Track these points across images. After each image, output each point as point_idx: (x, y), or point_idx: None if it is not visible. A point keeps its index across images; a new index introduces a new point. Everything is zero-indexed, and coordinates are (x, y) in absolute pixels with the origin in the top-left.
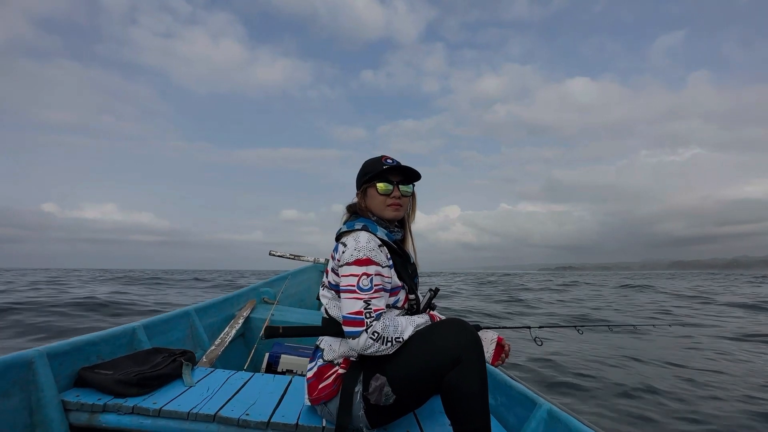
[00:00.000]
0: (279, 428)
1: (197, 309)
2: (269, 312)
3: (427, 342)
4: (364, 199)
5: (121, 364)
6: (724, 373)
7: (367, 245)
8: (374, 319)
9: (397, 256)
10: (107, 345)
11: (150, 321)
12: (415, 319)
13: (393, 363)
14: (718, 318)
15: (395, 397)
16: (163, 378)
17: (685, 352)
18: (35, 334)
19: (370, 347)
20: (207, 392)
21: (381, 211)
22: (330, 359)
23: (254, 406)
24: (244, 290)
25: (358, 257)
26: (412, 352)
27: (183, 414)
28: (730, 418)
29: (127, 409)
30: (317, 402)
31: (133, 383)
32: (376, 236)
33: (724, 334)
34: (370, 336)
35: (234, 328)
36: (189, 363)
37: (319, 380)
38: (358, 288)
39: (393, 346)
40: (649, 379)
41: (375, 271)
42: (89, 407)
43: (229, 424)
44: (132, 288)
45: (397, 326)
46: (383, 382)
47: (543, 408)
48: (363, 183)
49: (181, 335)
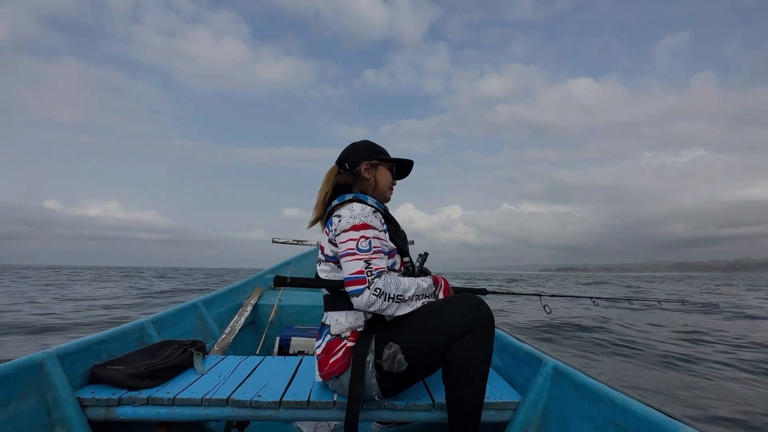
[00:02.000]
0: (291, 406)
1: (204, 300)
2: (277, 297)
3: (442, 313)
4: (371, 172)
5: (133, 358)
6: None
7: (362, 212)
8: (375, 276)
9: (389, 223)
10: (117, 342)
11: (158, 315)
12: (419, 282)
13: (406, 331)
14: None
15: (407, 364)
16: (174, 368)
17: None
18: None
19: (374, 303)
20: (219, 378)
21: (384, 191)
22: (337, 333)
23: (266, 388)
24: (251, 278)
25: (354, 223)
26: (426, 322)
27: (197, 400)
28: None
29: (141, 401)
30: (329, 377)
31: (145, 376)
32: (367, 204)
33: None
34: (372, 292)
35: (243, 315)
36: (200, 352)
37: (328, 355)
38: (358, 249)
39: (395, 303)
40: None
41: (373, 234)
42: (105, 402)
43: (242, 407)
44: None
45: (399, 284)
46: (396, 349)
47: (549, 365)
48: (376, 158)
49: (191, 327)
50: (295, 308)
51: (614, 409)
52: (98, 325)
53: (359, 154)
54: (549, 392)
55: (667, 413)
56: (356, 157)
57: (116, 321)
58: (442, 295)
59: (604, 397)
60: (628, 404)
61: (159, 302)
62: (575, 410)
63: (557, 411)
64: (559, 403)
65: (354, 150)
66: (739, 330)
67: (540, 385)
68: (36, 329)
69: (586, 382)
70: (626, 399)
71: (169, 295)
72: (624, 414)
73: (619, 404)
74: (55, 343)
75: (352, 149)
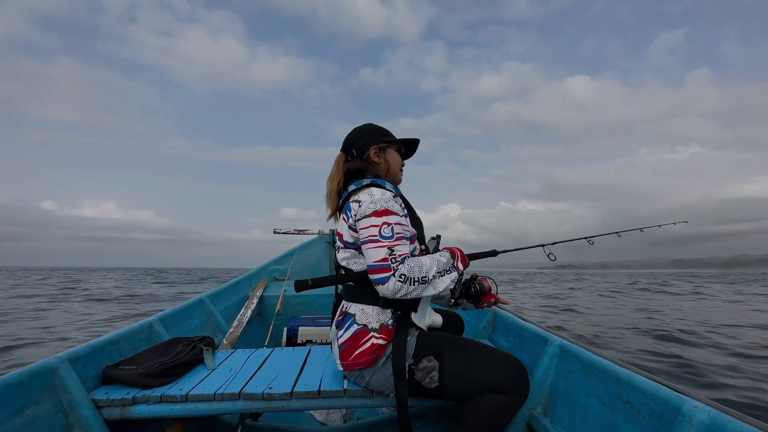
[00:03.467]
0: (302, 396)
1: (210, 295)
2: (282, 288)
3: (494, 360)
4: (381, 156)
5: (144, 357)
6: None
7: (382, 197)
8: (399, 263)
9: (407, 208)
10: (127, 342)
11: (166, 313)
12: (437, 257)
13: (453, 356)
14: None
15: (438, 385)
16: (185, 365)
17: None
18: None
19: (400, 290)
20: (230, 373)
21: (396, 174)
22: (364, 323)
23: (276, 379)
24: (254, 271)
25: (376, 208)
26: (476, 359)
27: (209, 396)
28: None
29: (155, 399)
30: (352, 368)
31: (157, 374)
32: (387, 189)
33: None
34: (398, 279)
35: (249, 308)
36: (209, 347)
37: (354, 346)
38: (381, 236)
39: (421, 285)
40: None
41: (395, 220)
42: (119, 402)
43: (255, 399)
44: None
45: (422, 266)
46: (435, 366)
47: (554, 344)
48: (384, 141)
49: (199, 322)
50: (301, 298)
51: (621, 385)
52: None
53: (367, 138)
54: (556, 371)
55: (673, 387)
56: (364, 142)
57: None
58: (461, 266)
59: (610, 373)
60: (634, 380)
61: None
62: (582, 387)
63: (564, 389)
64: (565, 381)
65: (360, 135)
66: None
67: (546, 364)
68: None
69: (593, 359)
70: (632, 375)
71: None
72: (630, 389)
73: (625, 380)
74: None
75: (358, 134)
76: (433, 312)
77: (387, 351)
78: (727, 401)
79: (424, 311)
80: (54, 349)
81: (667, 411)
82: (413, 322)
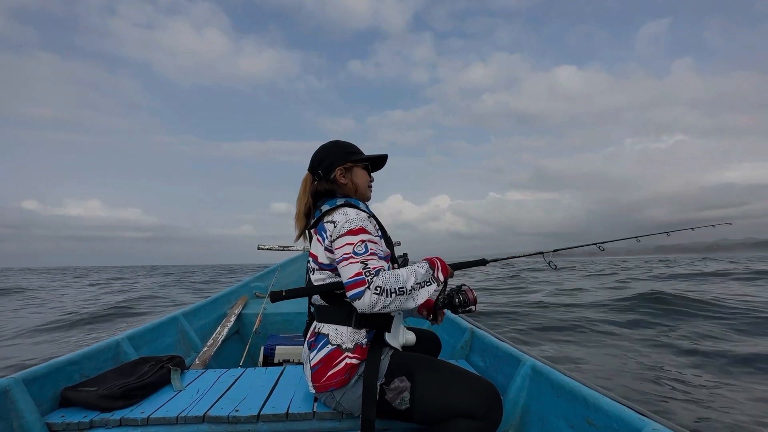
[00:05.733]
0: (269, 419)
1: (185, 313)
2: (261, 306)
3: (466, 384)
4: (347, 176)
5: (106, 378)
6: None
7: (357, 217)
8: (374, 275)
9: (381, 229)
10: (90, 361)
11: (135, 331)
12: (415, 268)
13: (424, 379)
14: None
15: (408, 406)
16: (150, 386)
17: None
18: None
19: (377, 303)
20: (197, 394)
21: (364, 192)
22: (338, 343)
23: (244, 402)
24: (235, 287)
25: (351, 227)
26: (448, 383)
27: (172, 419)
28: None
29: (114, 423)
30: (324, 389)
31: (118, 396)
32: (361, 209)
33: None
34: (373, 292)
35: (226, 326)
36: (178, 368)
37: (327, 367)
38: (354, 253)
39: (398, 297)
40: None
41: (368, 238)
42: (75, 426)
43: (219, 422)
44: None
45: (398, 277)
46: (406, 387)
47: (527, 364)
48: (350, 161)
49: (171, 341)
50: (281, 316)
51: (587, 407)
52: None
53: (332, 158)
54: (528, 391)
55: (637, 410)
56: (329, 162)
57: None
58: (441, 276)
59: (578, 395)
60: (600, 402)
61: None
62: (552, 409)
63: (536, 410)
64: (537, 402)
65: (326, 154)
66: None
67: (519, 385)
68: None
69: (562, 380)
70: (598, 397)
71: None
72: (596, 412)
73: (591, 402)
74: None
75: (323, 153)
76: (406, 330)
77: (360, 370)
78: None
79: (397, 331)
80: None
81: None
82: (387, 343)
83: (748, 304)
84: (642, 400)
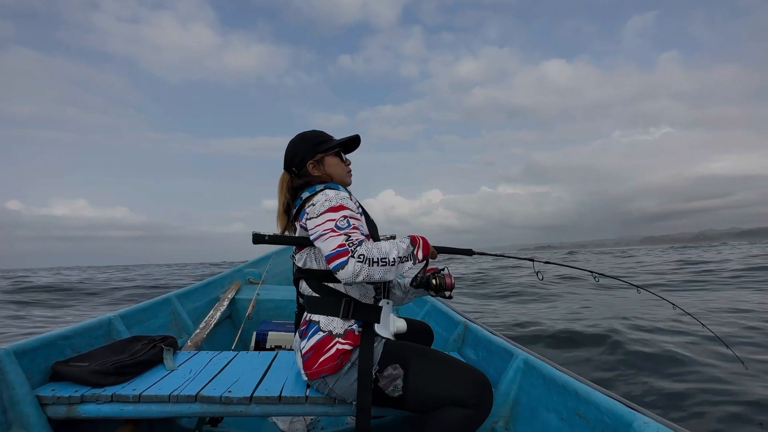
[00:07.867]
0: (262, 401)
1: (179, 295)
2: (255, 292)
3: (460, 373)
4: (320, 168)
5: (98, 354)
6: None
7: (336, 195)
8: (357, 245)
9: (364, 212)
10: (82, 338)
11: (128, 310)
12: (397, 242)
13: (418, 366)
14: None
15: (401, 394)
16: (142, 364)
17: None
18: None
19: (360, 271)
20: (189, 374)
21: (343, 178)
22: (329, 330)
23: (237, 383)
24: (229, 272)
25: (332, 205)
26: (443, 370)
27: (164, 397)
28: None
29: (105, 398)
30: (317, 375)
31: (110, 372)
32: (340, 191)
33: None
34: (357, 260)
35: (219, 310)
36: (170, 348)
37: (318, 353)
38: (336, 227)
39: (380, 267)
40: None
41: (350, 214)
42: (66, 400)
43: (212, 403)
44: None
45: (380, 248)
46: (400, 374)
47: (519, 358)
48: (318, 152)
49: (163, 322)
50: (274, 303)
51: (578, 401)
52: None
53: (302, 154)
54: (519, 385)
55: (626, 403)
56: (300, 159)
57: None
58: (421, 255)
59: (570, 389)
60: (590, 395)
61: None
62: (543, 402)
63: (526, 403)
64: (528, 395)
65: (294, 152)
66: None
67: (510, 378)
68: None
69: (554, 374)
70: (589, 390)
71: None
72: (587, 405)
73: (583, 396)
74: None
75: (292, 149)
76: (396, 318)
77: (353, 357)
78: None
79: (387, 320)
80: None
81: (620, 427)
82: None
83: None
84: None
